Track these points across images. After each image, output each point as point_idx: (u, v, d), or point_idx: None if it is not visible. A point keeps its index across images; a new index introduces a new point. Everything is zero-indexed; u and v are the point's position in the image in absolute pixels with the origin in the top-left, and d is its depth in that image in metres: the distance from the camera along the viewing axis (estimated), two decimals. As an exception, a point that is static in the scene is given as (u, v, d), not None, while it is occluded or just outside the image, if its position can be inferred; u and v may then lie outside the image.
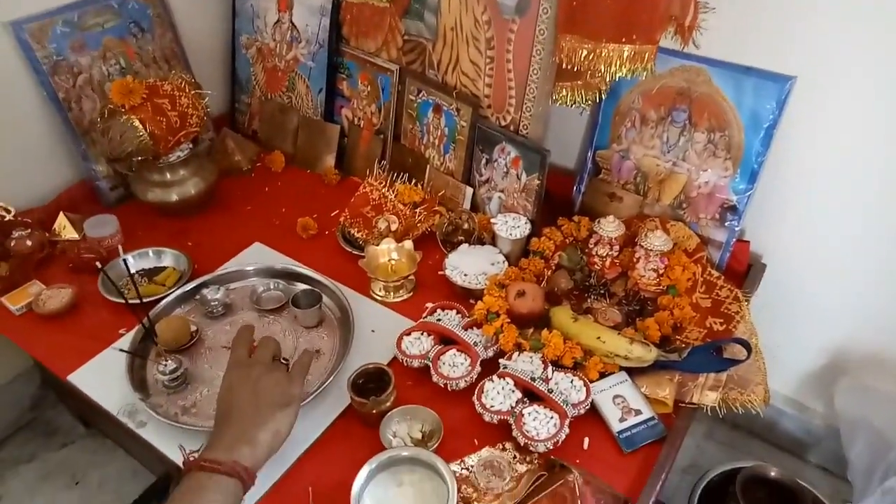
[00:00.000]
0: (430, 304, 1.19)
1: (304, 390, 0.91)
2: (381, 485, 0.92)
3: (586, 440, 1.00)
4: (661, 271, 1.19)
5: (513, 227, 1.28)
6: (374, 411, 1.00)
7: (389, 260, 1.27)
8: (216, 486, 0.74)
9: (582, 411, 1.00)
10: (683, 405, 1.03)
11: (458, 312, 1.16)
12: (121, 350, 1.07)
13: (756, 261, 1.30)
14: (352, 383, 1.01)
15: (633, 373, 1.06)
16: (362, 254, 1.28)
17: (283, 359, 0.94)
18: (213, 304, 1.20)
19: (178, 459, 0.98)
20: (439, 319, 1.13)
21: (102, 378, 1.08)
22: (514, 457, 0.97)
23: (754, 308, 1.17)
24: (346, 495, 0.89)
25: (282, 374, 0.88)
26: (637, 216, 1.32)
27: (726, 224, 1.23)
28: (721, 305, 1.18)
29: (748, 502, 1.27)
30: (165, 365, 1.05)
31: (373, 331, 1.17)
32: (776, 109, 1.10)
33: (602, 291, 1.24)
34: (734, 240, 1.24)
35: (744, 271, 1.27)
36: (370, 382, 1.02)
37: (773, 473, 1.33)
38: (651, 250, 1.17)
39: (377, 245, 1.28)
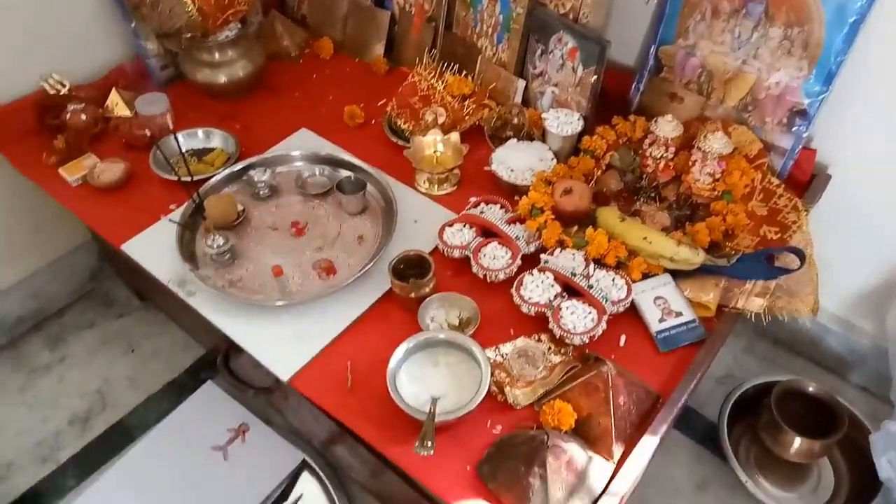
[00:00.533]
0: (473, 199, 1.18)
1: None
2: (417, 363, 0.94)
3: (623, 338, 1.00)
4: (717, 176, 1.14)
5: (565, 123, 1.23)
6: (414, 295, 1.01)
7: (435, 152, 1.25)
8: None
9: (621, 309, 0.99)
10: (727, 310, 1.01)
11: (501, 207, 1.14)
12: (172, 221, 1.10)
13: (821, 171, 1.23)
14: (392, 268, 1.02)
15: (678, 276, 1.04)
16: (408, 145, 1.26)
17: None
18: (259, 185, 1.21)
19: (224, 326, 1.02)
20: (482, 212, 1.12)
21: (154, 249, 1.12)
22: (549, 348, 0.98)
23: (812, 220, 1.12)
24: (382, 371, 0.92)
25: None
26: (697, 118, 1.26)
27: (794, 129, 1.16)
28: (778, 214, 1.13)
29: (783, 415, 1.27)
30: (214, 240, 1.08)
31: (415, 221, 1.17)
32: (866, 1, 1.00)
33: (652, 195, 1.20)
34: (800, 147, 1.17)
35: (807, 181, 1.21)
36: (411, 269, 1.03)
37: (810, 388, 1.31)
38: (709, 153, 1.12)
39: (423, 136, 1.25)
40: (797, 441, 1.25)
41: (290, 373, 0.96)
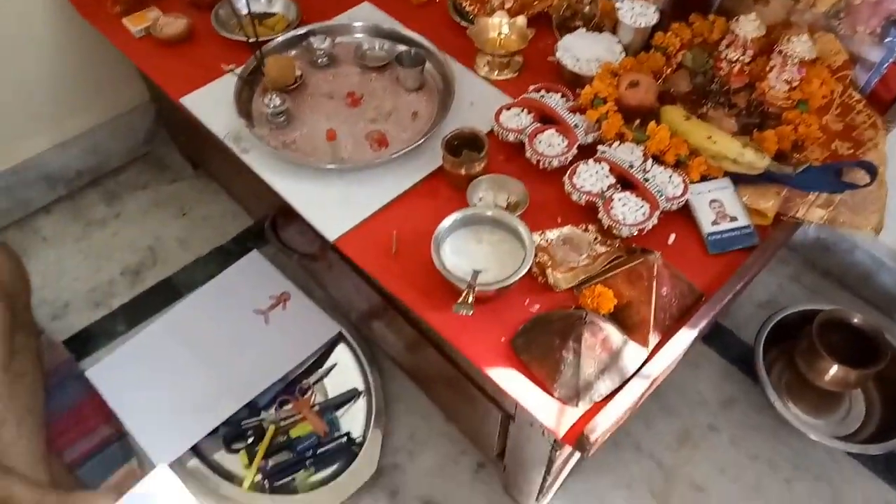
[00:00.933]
0: (533, 87, 1.14)
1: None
2: (461, 237, 0.95)
3: (672, 236, 0.98)
4: (794, 84, 1.07)
5: (639, 14, 1.17)
6: (464, 173, 1.00)
7: (499, 34, 1.21)
8: None
9: (675, 206, 0.97)
10: (785, 219, 0.98)
11: (562, 96, 1.10)
12: (234, 73, 1.10)
13: (908, 91, 1.15)
14: (446, 142, 1.01)
15: (738, 181, 1.00)
16: (472, 25, 1.22)
17: None
18: (318, 53, 1.20)
19: (276, 185, 1.04)
20: (542, 98, 1.09)
21: (212, 104, 1.13)
22: (595, 238, 0.97)
23: (890, 141, 1.06)
24: (426, 242, 0.92)
25: None
26: (782, 23, 1.18)
27: (886, 41, 1.08)
28: (854, 130, 1.07)
29: (823, 344, 1.25)
30: (271, 99, 1.08)
31: (471, 104, 1.15)
32: None
33: (722, 100, 1.14)
34: (890, 61, 1.09)
35: (891, 99, 1.13)
36: (463, 147, 1.02)
37: (855, 320, 1.28)
38: (790, 56, 1.05)
39: (489, 17, 1.21)
40: (834, 368, 1.24)
41: (336, 234, 0.98)
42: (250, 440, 1.27)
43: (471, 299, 0.84)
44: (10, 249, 1.22)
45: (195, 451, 1.24)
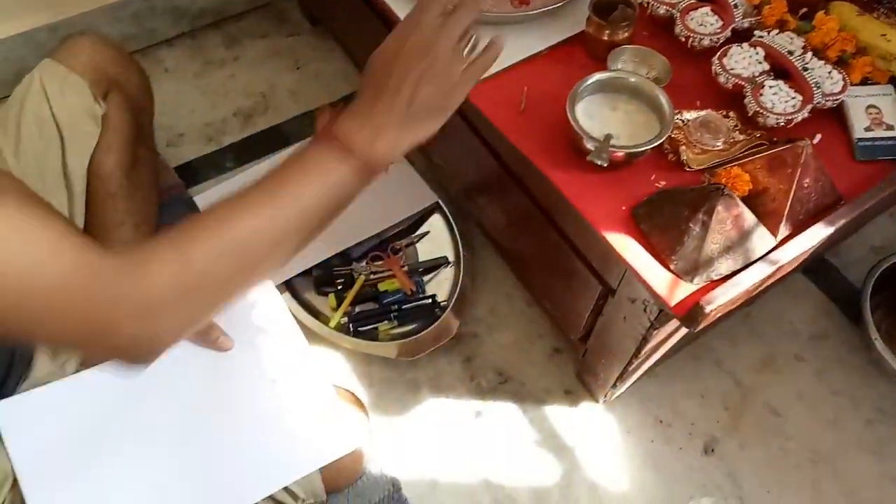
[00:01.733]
0: (690, -34, 1.07)
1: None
2: (596, 102, 0.92)
3: (818, 136, 0.92)
4: None
5: None
6: (607, 37, 0.96)
7: None
8: (342, 171, 0.61)
9: (829, 104, 0.91)
10: (949, 133, 0.91)
11: (723, -24, 1.04)
12: None
13: None
14: (594, 4, 0.96)
15: (902, 90, 0.93)
16: None
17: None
18: None
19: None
20: (701, -26, 1.02)
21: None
22: (735, 125, 0.92)
23: None
24: (556, 103, 0.90)
25: (455, 72, 0.64)
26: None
27: None
28: None
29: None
30: (417, -62, 1.05)
31: (622, -26, 1.09)
32: None
33: None
34: None
35: None
36: (609, 14, 0.98)
37: (981, 274, 1.21)
38: None
39: None
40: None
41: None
42: (339, 287, 1.31)
43: (605, 155, 0.82)
44: (140, 67, 1.26)
45: (287, 285, 1.30)
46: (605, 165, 0.83)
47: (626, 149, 0.85)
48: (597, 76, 0.90)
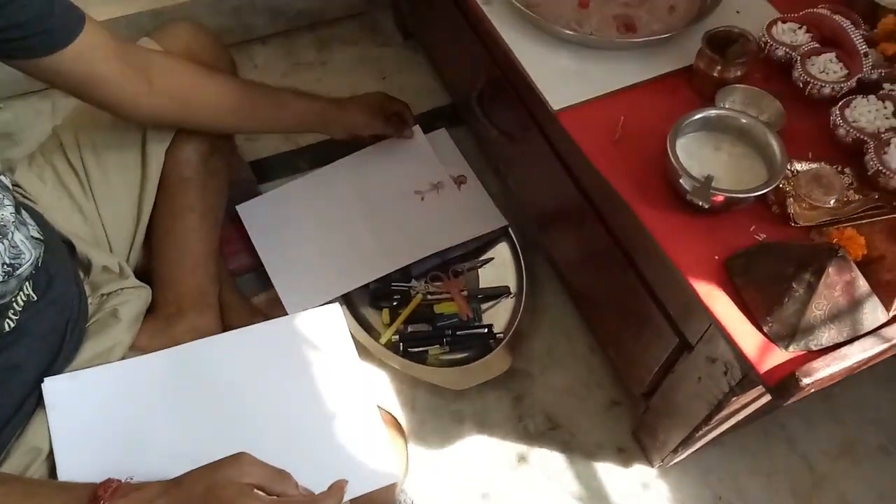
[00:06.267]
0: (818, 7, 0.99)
1: None
2: (698, 140, 0.85)
3: (947, 207, 0.83)
4: None
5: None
6: (717, 74, 0.90)
7: (789, -53, 1.07)
8: None
9: (964, 171, 0.81)
10: None
11: (852, 23, 0.95)
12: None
13: None
14: (709, 37, 0.90)
15: None
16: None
17: None
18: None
19: (513, 44, 0.98)
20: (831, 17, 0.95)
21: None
22: (851, 183, 0.84)
23: None
24: (653, 137, 0.85)
25: None
26: None
27: None
28: None
29: None
30: (526, -46, 1.02)
31: (737, 12, 1.02)
32: None
33: None
34: None
35: None
36: (722, 51, 0.91)
37: None
38: None
39: (781, -73, 1.07)
40: None
41: (560, 104, 0.91)
42: (395, 303, 1.27)
43: (707, 195, 0.75)
44: (233, 60, 1.26)
45: (345, 298, 1.26)
46: (707, 207, 0.75)
47: (727, 192, 0.77)
48: (704, 112, 0.83)
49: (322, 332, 0.95)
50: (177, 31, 1.15)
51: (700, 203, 0.75)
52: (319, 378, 0.92)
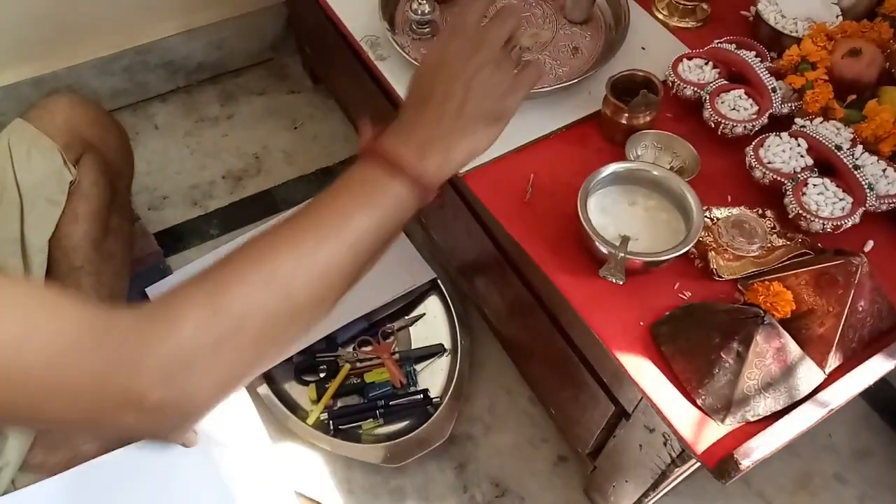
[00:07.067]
0: (718, 41, 0.96)
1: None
2: (612, 196, 0.80)
3: (870, 243, 0.80)
4: None
5: (870, -27, 0.96)
6: (625, 122, 0.85)
7: (690, -24, 1.03)
8: (396, 190, 0.53)
9: (884, 207, 0.78)
10: None
11: (757, 55, 0.92)
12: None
13: None
14: (612, 83, 0.85)
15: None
16: (657, -37, 1.05)
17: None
18: (477, -34, 1.06)
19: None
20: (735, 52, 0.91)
21: (353, 5, 1.01)
22: (773, 227, 0.80)
23: None
24: (566, 193, 0.79)
25: (506, 74, 0.58)
26: None
27: None
28: None
29: None
30: (420, 5, 0.95)
31: (643, 48, 0.99)
32: None
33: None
34: None
35: None
36: (629, 94, 0.86)
37: None
38: None
39: (679, -45, 1.03)
40: None
41: (465, 167, 0.85)
42: (322, 375, 1.18)
43: (620, 273, 0.70)
44: (123, 130, 1.17)
45: (266, 376, 1.17)
46: (622, 283, 0.70)
47: (645, 256, 0.72)
48: (612, 167, 0.78)
49: (230, 424, 0.89)
50: (54, 107, 1.05)
51: (615, 281, 0.70)
52: (232, 477, 0.86)
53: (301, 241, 0.50)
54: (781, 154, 0.81)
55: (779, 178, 0.79)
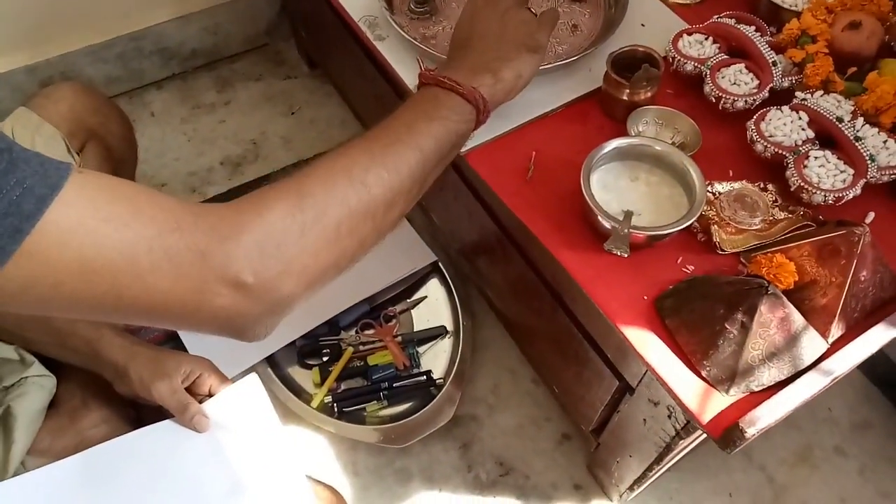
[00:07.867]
0: (718, 16, 0.96)
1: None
2: (614, 172, 0.80)
3: (871, 214, 0.80)
4: None
5: (868, -53, 0.96)
6: (626, 97, 0.85)
7: (687, -49, 1.03)
8: (452, 103, 0.63)
9: (885, 178, 0.78)
10: None
11: (757, 30, 0.92)
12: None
13: None
14: (613, 59, 0.85)
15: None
16: (655, -61, 1.04)
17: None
18: (474, -55, 1.05)
19: (409, 80, 0.92)
20: (735, 26, 0.91)
21: (349, -18, 1.01)
22: (775, 201, 0.80)
23: None
24: (568, 170, 0.79)
25: (530, 16, 0.73)
26: None
27: None
28: None
29: None
30: (416, -16, 0.95)
31: (642, 25, 0.98)
32: None
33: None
34: None
35: None
36: (630, 70, 0.86)
37: None
38: None
39: (678, -70, 1.03)
40: None
41: (468, 145, 0.85)
42: (325, 358, 1.19)
43: (625, 246, 0.70)
44: (124, 117, 1.16)
45: (269, 360, 1.17)
46: (627, 255, 0.70)
47: (648, 230, 0.72)
48: (615, 143, 0.78)
49: (241, 409, 0.88)
50: (58, 95, 1.05)
51: (619, 253, 0.70)
52: (242, 462, 0.85)
53: (373, 145, 0.57)
54: (783, 127, 0.81)
55: (780, 152, 0.80)
